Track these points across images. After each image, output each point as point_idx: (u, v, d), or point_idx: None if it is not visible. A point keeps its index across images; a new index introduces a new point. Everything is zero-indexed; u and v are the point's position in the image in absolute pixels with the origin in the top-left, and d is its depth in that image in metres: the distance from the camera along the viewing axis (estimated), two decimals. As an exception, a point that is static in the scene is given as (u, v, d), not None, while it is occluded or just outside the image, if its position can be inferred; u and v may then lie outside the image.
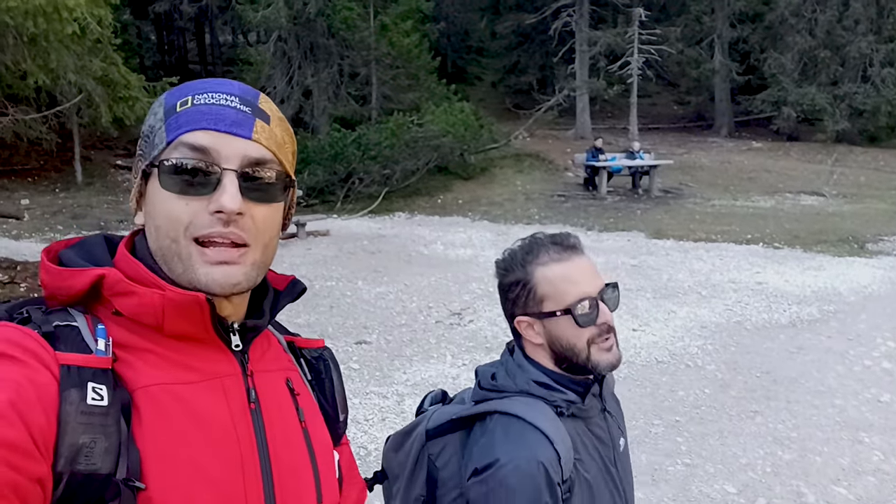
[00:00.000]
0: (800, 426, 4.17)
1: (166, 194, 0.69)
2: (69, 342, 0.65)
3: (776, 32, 20.91)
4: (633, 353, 5.53)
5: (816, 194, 14.75)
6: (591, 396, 1.20)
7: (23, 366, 0.61)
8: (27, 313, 0.67)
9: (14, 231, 10.65)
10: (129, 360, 0.68)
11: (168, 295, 0.68)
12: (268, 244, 0.73)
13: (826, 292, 7.54)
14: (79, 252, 0.73)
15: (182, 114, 0.70)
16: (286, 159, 0.75)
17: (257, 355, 0.78)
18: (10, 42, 3.94)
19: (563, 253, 1.20)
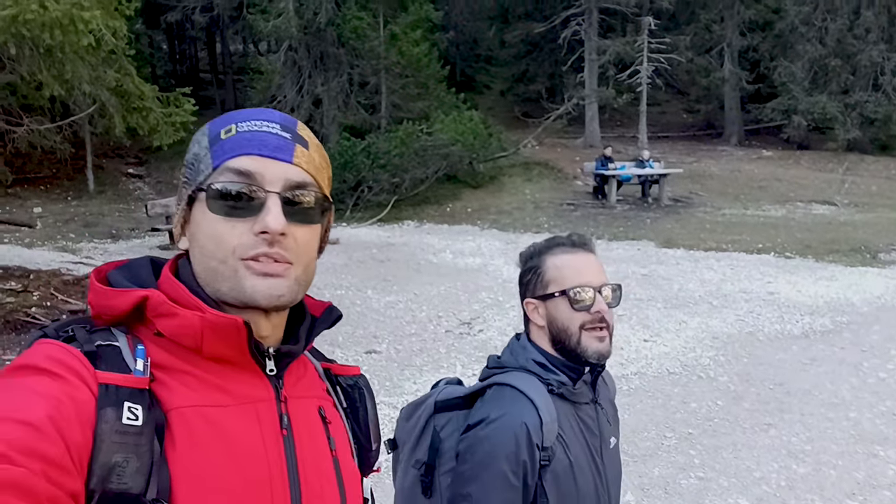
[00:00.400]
0: (814, 439, 4.13)
1: (213, 217, 0.71)
2: (110, 361, 0.67)
3: (786, 41, 20.85)
4: (645, 363, 5.50)
5: (828, 203, 14.66)
6: (581, 383, 1.31)
7: (64, 382, 0.63)
8: (72, 332, 0.69)
9: (27, 239, 10.74)
10: (166, 380, 0.69)
11: (207, 317, 0.70)
12: (308, 264, 0.76)
13: (839, 303, 7.47)
14: (125, 274, 0.76)
15: (227, 141, 0.73)
16: (324, 183, 0.78)
17: (292, 381, 0.80)
18: (27, 53, 3.99)
19: (575, 247, 1.34)
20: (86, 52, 4.43)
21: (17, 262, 7.78)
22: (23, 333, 5.24)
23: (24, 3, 3.62)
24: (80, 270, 7.63)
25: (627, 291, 7.54)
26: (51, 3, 3.69)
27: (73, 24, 3.69)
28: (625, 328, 6.48)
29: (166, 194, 14.89)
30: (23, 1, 3.70)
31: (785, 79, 20.05)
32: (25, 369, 0.64)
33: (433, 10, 18.57)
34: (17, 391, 0.62)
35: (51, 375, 0.63)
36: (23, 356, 0.66)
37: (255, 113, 0.76)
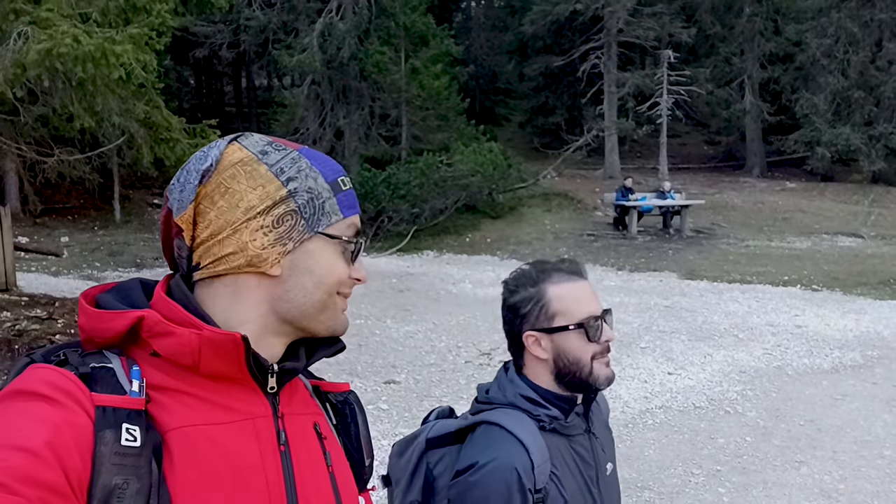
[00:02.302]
0: (847, 478, 3.98)
1: (336, 258, 0.79)
2: (105, 383, 0.67)
3: (808, 73, 20.79)
4: (670, 397, 5.38)
5: (854, 235, 14.41)
6: (574, 415, 1.28)
7: (61, 407, 0.62)
8: (64, 356, 0.69)
9: (53, 268, 10.93)
10: (162, 401, 0.69)
11: (205, 334, 0.70)
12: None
13: (869, 337, 7.28)
14: (116, 296, 0.76)
15: (344, 196, 0.81)
16: None
17: (287, 397, 0.80)
18: (59, 86, 4.12)
19: (572, 275, 1.30)
20: (116, 84, 4.55)
21: (42, 289, 7.90)
22: (46, 360, 5.29)
23: (59, 38, 3.75)
24: (104, 298, 7.73)
25: (650, 323, 7.41)
26: (84, 37, 3.82)
27: (105, 57, 3.80)
28: (648, 360, 6.37)
29: (190, 224, 15.10)
30: (57, 35, 3.83)
31: (807, 110, 19.94)
32: (22, 394, 0.63)
33: (453, 45, 18.89)
34: (15, 417, 0.61)
35: (47, 400, 0.63)
36: (17, 381, 0.65)
37: (338, 167, 0.83)
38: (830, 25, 19.86)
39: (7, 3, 4.03)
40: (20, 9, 3.99)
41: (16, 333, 5.51)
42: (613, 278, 10.94)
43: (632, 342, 6.98)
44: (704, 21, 21.69)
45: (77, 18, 4.23)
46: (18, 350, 5.25)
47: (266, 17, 18.18)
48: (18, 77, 3.86)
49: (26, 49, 3.73)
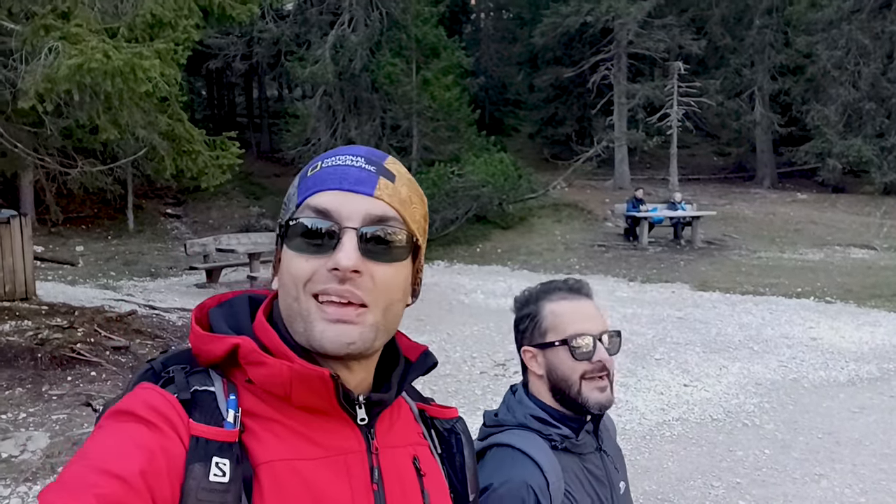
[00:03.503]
0: (868, 491, 3.97)
1: (292, 254, 0.70)
2: (204, 410, 0.67)
3: (818, 85, 20.77)
4: (686, 409, 5.38)
5: (867, 247, 14.34)
6: (584, 433, 1.28)
7: (159, 434, 0.63)
8: (172, 373, 0.69)
9: (69, 277, 11.04)
10: (256, 430, 0.68)
11: (295, 367, 0.68)
12: (389, 306, 0.71)
13: (885, 349, 7.25)
14: (225, 313, 0.75)
15: (311, 177, 0.72)
16: (412, 219, 0.73)
17: (384, 429, 0.77)
18: (87, 100, 4.21)
19: (572, 293, 1.31)
20: (141, 98, 4.64)
21: (61, 298, 7.99)
22: (68, 369, 5.35)
23: (89, 53, 3.84)
24: (121, 307, 7.80)
25: (664, 335, 7.41)
26: (114, 52, 3.90)
27: (133, 72, 3.88)
28: (663, 372, 6.37)
29: (203, 234, 15.22)
30: (87, 50, 3.93)
31: (818, 122, 19.92)
32: (125, 415, 0.64)
33: (464, 57, 19.02)
34: (114, 439, 0.62)
35: (147, 425, 0.63)
36: (124, 400, 0.66)
37: (342, 149, 0.75)
38: (841, 37, 19.86)
39: (38, 18, 4.14)
40: (50, 24, 4.09)
41: (38, 342, 5.59)
42: (625, 289, 10.93)
43: (646, 354, 6.98)
44: (714, 33, 21.75)
45: (104, 33, 4.34)
46: (41, 358, 5.32)
47: (279, 29, 18.38)
48: (49, 91, 3.95)
49: (57, 64, 3.82)
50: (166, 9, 4.56)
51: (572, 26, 20.11)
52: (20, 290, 7.18)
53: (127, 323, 6.84)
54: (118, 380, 5.34)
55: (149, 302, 8.66)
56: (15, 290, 7.11)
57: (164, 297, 9.50)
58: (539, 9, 23.04)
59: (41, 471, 3.88)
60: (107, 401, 0.66)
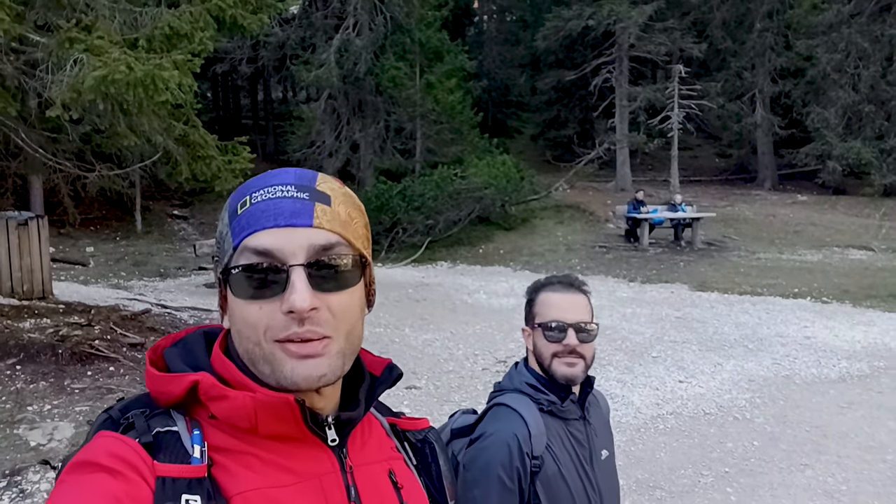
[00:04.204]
0: (850, 480, 4.17)
1: (241, 301, 0.68)
2: (168, 450, 0.66)
3: (819, 87, 20.95)
4: (680, 404, 5.58)
5: (865, 249, 14.51)
6: (569, 402, 1.54)
7: (123, 479, 0.62)
8: (131, 419, 0.68)
9: (81, 277, 11.30)
10: (226, 464, 0.67)
11: (258, 397, 0.67)
12: (351, 331, 0.71)
13: (877, 348, 7.44)
14: (180, 352, 0.74)
15: (242, 216, 0.69)
16: (356, 236, 0.72)
17: (357, 447, 0.76)
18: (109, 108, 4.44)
19: (563, 287, 1.58)
20: (158, 106, 4.87)
21: (76, 297, 8.23)
22: (87, 365, 5.59)
23: (113, 65, 4.06)
24: (135, 306, 8.04)
25: (662, 334, 7.63)
26: (136, 64, 4.13)
27: (153, 82, 4.11)
28: (660, 369, 6.58)
29: (209, 235, 15.47)
30: (111, 62, 4.16)
31: (818, 124, 20.09)
32: (87, 466, 0.63)
33: (467, 60, 19.26)
34: (77, 493, 0.61)
35: (111, 472, 0.62)
36: (84, 451, 0.65)
37: (268, 178, 0.72)
38: (841, 41, 20.04)
39: (62, 31, 4.37)
40: (74, 37, 4.32)
41: (59, 339, 5.83)
42: (625, 290, 11.14)
43: (643, 352, 7.18)
44: (715, 36, 21.94)
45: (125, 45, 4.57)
46: (62, 354, 5.56)
47: (285, 33, 18.63)
48: (74, 101, 4.19)
49: (83, 75, 4.05)
50: (183, 21, 4.80)
51: (574, 30, 20.33)
52: (38, 289, 7.43)
53: (141, 321, 7.08)
54: (135, 374, 5.57)
55: (160, 301, 8.91)
56: (33, 290, 7.36)
57: (174, 297, 9.74)
58: (541, 12, 23.28)
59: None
60: (64, 457, 0.70)
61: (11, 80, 4.67)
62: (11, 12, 4.18)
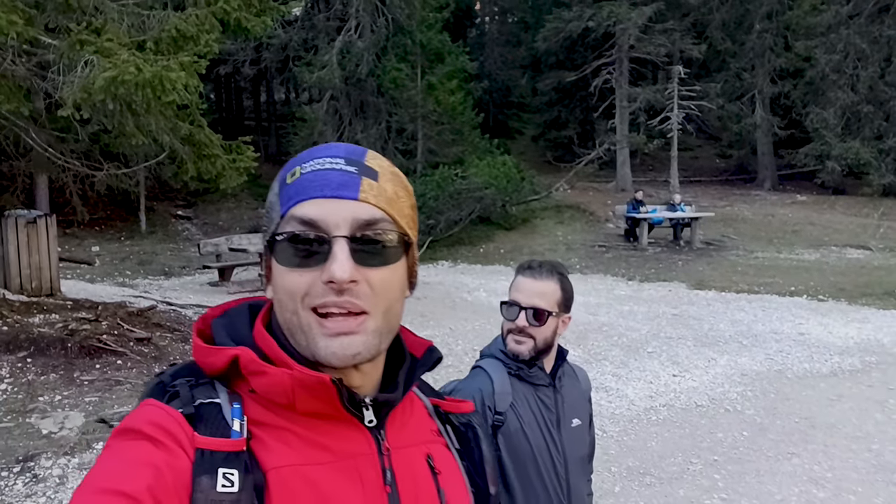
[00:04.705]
0: (835, 468, 4.31)
1: (283, 269, 0.69)
2: (209, 422, 0.67)
3: (818, 88, 21.07)
4: (673, 396, 5.72)
5: (862, 248, 14.63)
6: (536, 369, 1.72)
7: (164, 449, 0.63)
8: (177, 388, 0.69)
9: (87, 275, 11.46)
10: (263, 438, 0.68)
11: (296, 374, 0.68)
12: (389, 308, 0.71)
13: (869, 343, 7.57)
14: (225, 324, 0.75)
15: (291, 186, 0.70)
16: (401, 214, 0.72)
17: (395, 429, 0.76)
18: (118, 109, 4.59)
19: (531, 272, 1.73)
20: (165, 106, 5.02)
21: (83, 294, 8.39)
22: (96, 358, 5.75)
23: (123, 67, 4.22)
24: (141, 303, 8.20)
25: (658, 330, 7.77)
26: (144, 66, 4.29)
27: (161, 84, 4.26)
28: (654, 364, 6.71)
29: (213, 235, 15.63)
30: (120, 64, 4.31)
31: (817, 125, 20.20)
32: (130, 433, 0.65)
33: (468, 61, 19.40)
34: (120, 459, 0.63)
35: (152, 441, 0.63)
36: (130, 417, 0.67)
37: (319, 150, 0.73)
38: (840, 42, 20.15)
39: (74, 34, 4.53)
40: (85, 39, 4.47)
41: (68, 333, 5.98)
42: (624, 288, 11.27)
43: (639, 347, 7.32)
44: (715, 37, 22.06)
45: (133, 47, 4.73)
46: (71, 348, 5.71)
47: (287, 35, 18.79)
48: (85, 101, 4.34)
49: (93, 76, 4.21)
50: (189, 24, 4.95)
51: (574, 31, 20.47)
52: (46, 286, 7.59)
53: (147, 317, 7.23)
54: (142, 367, 5.72)
55: (166, 298, 9.06)
56: (41, 287, 7.51)
57: (179, 295, 9.90)
58: (542, 14, 23.41)
59: (78, 445, 4.26)
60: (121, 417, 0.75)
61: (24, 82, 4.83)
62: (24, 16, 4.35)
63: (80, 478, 3.94)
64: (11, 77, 4.71)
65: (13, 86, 4.70)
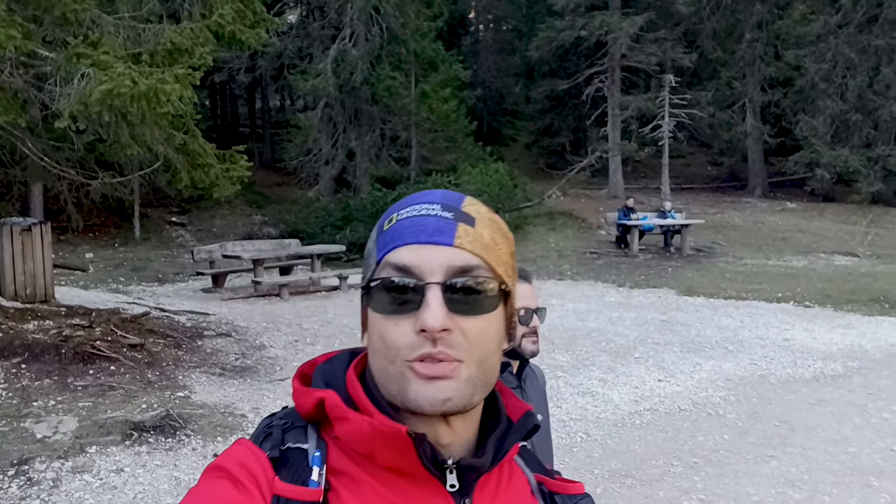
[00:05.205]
0: (812, 470, 4.43)
1: (379, 317, 0.67)
2: (292, 468, 0.67)
3: (807, 97, 21.35)
4: (658, 401, 5.84)
5: (850, 255, 14.82)
6: (507, 373, 1.81)
7: (243, 492, 0.63)
8: (271, 430, 0.70)
9: (81, 282, 11.53)
10: (340, 491, 0.67)
11: (375, 423, 0.65)
12: (484, 359, 0.67)
13: (852, 349, 7.71)
14: (324, 370, 0.75)
15: (388, 232, 0.70)
16: (498, 262, 0.69)
17: (486, 499, 0.70)
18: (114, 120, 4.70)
19: (522, 277, 1.88)
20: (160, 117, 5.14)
21: (77, 301, 8.46)
22: (89, 364, 5.83)
23: (118, 80, 4.33)
24: (134, 310, 8.28)
25: (646, 336, 7.91)
26: (140, 78, 4.40)
27: (156, 96, 4.38)
28: (640, 369, 6.84)
29: (207, 242, 15.70)
30: (116, 77, 4.42)
31: (807, 133, 20.46)
32: (217, 471, 0.66)
33: (462, 70, 19.60)
34: (204, 494, 0.64)
35: (235, 483, 0.64)
36: (224, 454, 0.68)
37: (416, 197, 0.72)
38: (829, 51, 20.44)
39: (70, 47, 4.64)
40: (82, 52, 4.59)
41: (62, 339, 6.07)
42: (614, 294, 11.41)
43: (626, 353, 7.44)
44: (706, 46, 22.34)
45: (129, 59, 4.84)
46: (65, 354, 5.80)
47: (282, 43, 18.92)
48: (82, 113, 4.45)
49: (90, 89, 4.32)
50: (184, 37, 5.07)
51: (567, 40, 20.71)
52: (40, 293, 7.66)
53: (141, 323, 7.32)
54: (135, 373, 5.81)
55: (159, 305, 9.14)
56: (35, 293, 7.59)
57: (172, 301, 9.98)
58: (535, 23, 23.67)
59: (72, 449, 4.35)
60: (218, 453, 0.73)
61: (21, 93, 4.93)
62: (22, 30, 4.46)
63: (73, 481, 4.03)
64: (9, 89, 4.82)
65: (10, 97, 4.80)
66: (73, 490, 3.91)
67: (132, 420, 4.79)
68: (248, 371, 6.49)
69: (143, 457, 4.39)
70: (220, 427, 5.00)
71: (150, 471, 4.21)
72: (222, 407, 5.39)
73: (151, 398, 5.35)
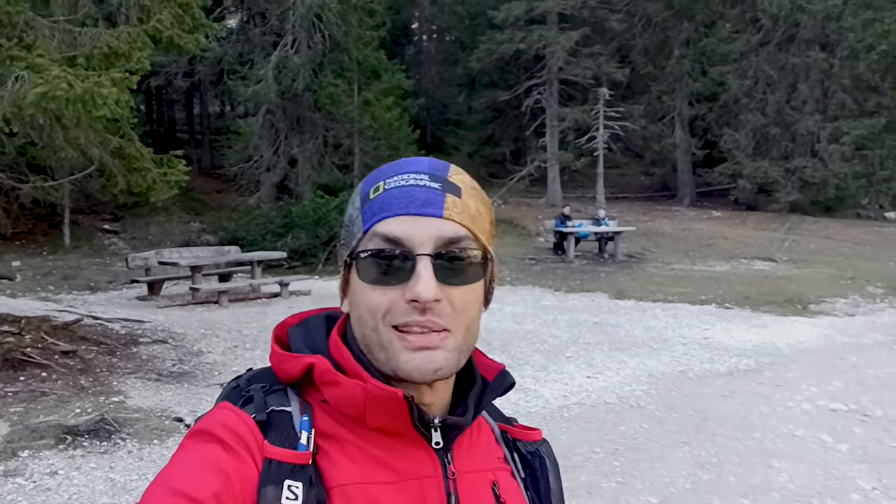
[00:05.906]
0: (721, 454, 4.82)
1: (365, 285, 0.68)
2: (279, 431, 0.67)
3: (731, 111, 22.62)
4: (585, 395, 6.18)
5: (769, 260, 15.78)
6: None
7: (234, 455, 0.64)
8: (251, 393, 0.70)
9: (8, 290, 11.11)
10: (330, 452, 0.68)
11: (369, 388, 0.67)
12: (469, 327, 0.70)
13: (765, 346, 8.30)
14: (302, 333, 0.76)
15: (375, 201, 0.70)
16: (482, 231, 0.72)
17: (462, 452, 0.74)
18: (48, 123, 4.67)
19: None
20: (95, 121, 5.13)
21: (4, 309, 8.20)
22: (20, 370, 5.73)
23: (54, 83, 4.33)
24: (64, 317, 8.09)
25: (578, 337, 8.30)
26: (75, 81, 4.41)
27: (92, 99, 4.39)
28: (571, 367, 7.19)
29: (141, 250, 15.33)
30: (51, 80, 4.41)
31: (731, 146, 21.67)
32: (203, 435, 0.66)
33: (405, 79, 19.85)
34: (191, 460, 0.64)
35: (223, 446, 0.64)
36: (205, 419, 0.68)
37: (403, 165, 0.72)
38: (750, 68, 21.74)
39: (3, 49, 4.60)
40: (15, 55, 4.55)
41: (-10, 346, 5.93)
42: (550, 298, 11.83)
43: (559, 353, 7.79)
44: (638, 62, 23.37)
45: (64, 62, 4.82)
46: (-6, 360, 5.68)
47: (222, 48, 18.71)
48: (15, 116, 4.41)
49: (23, 92, 4.30)
50: (121, 41, 5.08)
51: (507, 53, 21.28)
52: (-36, 300, 7.41)
53: (72, 331, 7.18)
54: (68, 379, 5.74)
55: (91, 313, 8.95)
56: (-40, 301, 7.34)
57: (105, 310, 9.76)
58: (477, 34, 24.18)
59: (3, 454, 4.31)
60: (198, 416, 0.73)
61: (-50, 95, 4.85)
62: (-49, 31, 4.40)
63: (6, 484, 4.00)
64: (-63, 90, 4.74)
65: (-62, 99, 4.72)
66: (6, 493, 3.89)
67: (65, 424, 4.76)
68: (186, 376, 6.48)
69: (78, 460, 4.38)
70: (157, 430, 5.01)
71: (85, 473, 4.22)
72: (159, 411, 5.40)
73: (85, 403, 5.31)
